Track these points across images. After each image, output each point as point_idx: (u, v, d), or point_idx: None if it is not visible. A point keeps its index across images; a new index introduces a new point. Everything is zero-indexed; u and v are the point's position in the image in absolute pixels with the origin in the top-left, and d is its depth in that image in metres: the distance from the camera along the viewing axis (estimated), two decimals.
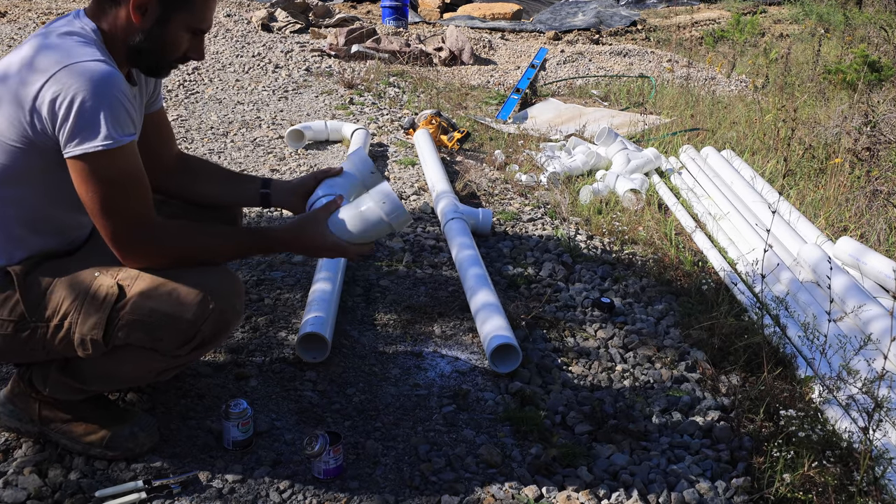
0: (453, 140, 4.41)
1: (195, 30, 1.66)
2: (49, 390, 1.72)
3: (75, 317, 1.57)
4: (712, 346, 2.49)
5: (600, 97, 6.46)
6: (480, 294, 2.48)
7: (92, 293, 1.57)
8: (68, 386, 1.71)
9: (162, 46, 1.63)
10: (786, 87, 6.18)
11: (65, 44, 1.53)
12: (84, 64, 1.49)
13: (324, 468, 1.73)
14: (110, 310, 1.56)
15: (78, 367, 1.67)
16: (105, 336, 1.57)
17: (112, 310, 1.56)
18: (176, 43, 1.65)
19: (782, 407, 2.09)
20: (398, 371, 2.24)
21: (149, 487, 1.65)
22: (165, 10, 1.59)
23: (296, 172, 3.91)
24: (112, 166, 1.50)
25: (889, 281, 2.67)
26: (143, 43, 1.61)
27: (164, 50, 1.65)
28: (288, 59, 6.55)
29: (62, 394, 1.73)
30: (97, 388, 1.74)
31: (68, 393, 1.73)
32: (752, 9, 11.81)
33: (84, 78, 1.47)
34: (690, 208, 3.86)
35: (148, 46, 1.62)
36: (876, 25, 8.69)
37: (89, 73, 1.48)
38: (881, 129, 4.41)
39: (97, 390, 1.76)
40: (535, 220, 3.52)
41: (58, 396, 1.73)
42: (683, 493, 1.79)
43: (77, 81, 1.46)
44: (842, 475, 1.81)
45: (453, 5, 11.74)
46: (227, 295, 1.63)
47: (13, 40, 6.50)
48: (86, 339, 1.57)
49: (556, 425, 2.05)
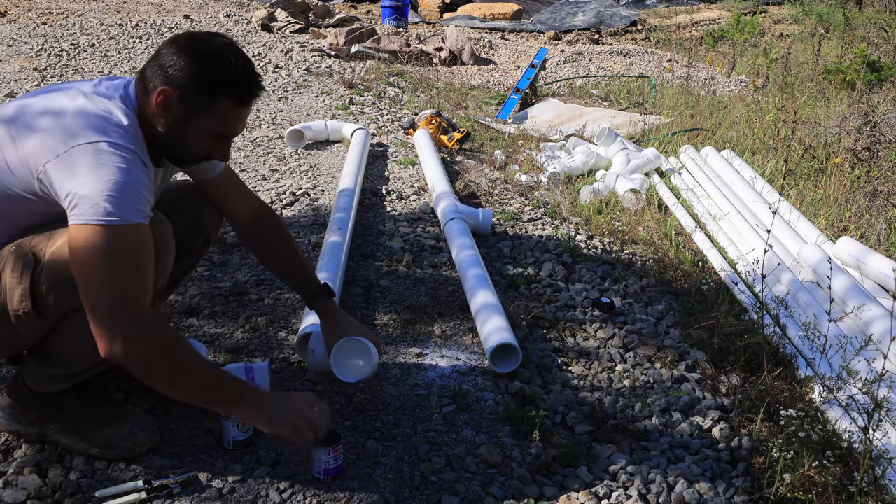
0: (453, 140, 4.41)
1: (218, 135, 1.66)
2: (35, 385, 1.71)
3: (4, 295, 1.56)
4: (712, 346, 2.49)
5: (600, 97, 6.46)
6: (480, 294, 2.48)
7: (11, 267, 1.55)
8: (49, 376, 1.69)
9: (182, 144, 1.64)
10: (786, 87, 6.18)
11: (94, 117, 1.53)
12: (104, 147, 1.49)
13: (324, 468, 1.73)
14: (31, 278, 1.53)
15: (48, 353, 1.66)
16: (35, 306, 1.55)
17: (32, 277, 1.53)
18: (197, 143, 1.65)
19: (782, 407, 2.09)
20: (398, 371, 2.23)
21: (149, 487, 1.65)
22: (187, 112, 1.60)
23: (296, 172, 3.91)
24: (112, 241, 1.45)
25: (889, 281, 2.67)
26: (165, 136, 1.62)
27: (183, 147, 1.65)
28: (288, 59, 6.55)
29: (47, 385, 1.71)
30: (76, 369, 1.70)
31: (53, 383, 1.71)
32: (752, 9, 11.81)
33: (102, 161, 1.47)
34: (690, 208, 3.86)
35: (169, 140, 1.63)
36: (876, 25, 8.69)
37: (109, 157, 1.48)
38: (881, 129, 4.41)
39: (78, 373, 1.72)
40: (535, 220, 3.52)
41: (45, 390, 1.72)
42: (683, 493, 1.79)
43: (94, 165, 1.46)
44: (842, 475, 1.81)
45: (453, 5, 11.74)
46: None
47: (13, 40, 6.50)
48: (19, 314, 1.55)
49: (556, 425, 2.05)
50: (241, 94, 1.63)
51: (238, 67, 1.62)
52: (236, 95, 1.62)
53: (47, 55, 6.16)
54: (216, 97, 1.60)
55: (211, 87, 1.59)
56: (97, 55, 6.33)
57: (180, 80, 1.58)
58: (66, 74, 5.65)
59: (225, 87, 1.60)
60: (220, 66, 1.60)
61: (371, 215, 3.41)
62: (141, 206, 1.50)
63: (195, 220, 1.95)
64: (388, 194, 3.68)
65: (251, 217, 2.02)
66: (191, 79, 1.58)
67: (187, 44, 1.61)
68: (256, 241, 2.05)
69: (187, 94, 1.58)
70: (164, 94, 1.58)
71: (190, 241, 1.92)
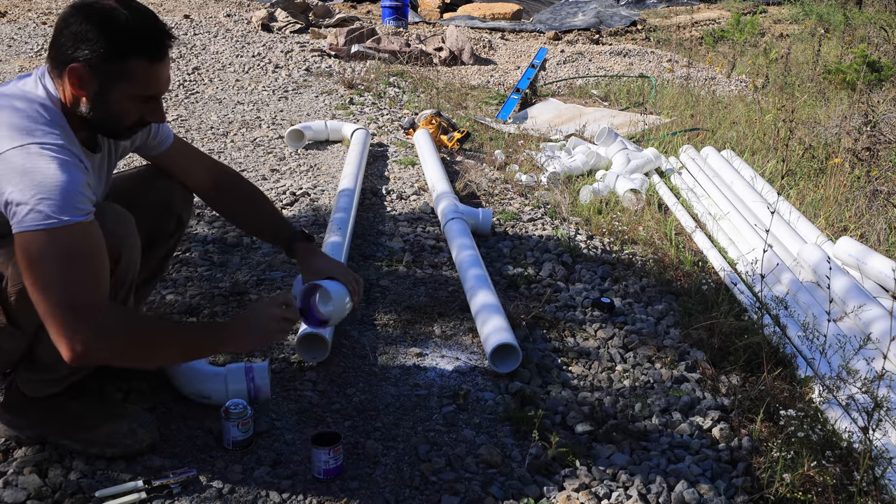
0: (453, 140, 4.41)
1: (143, 97, 1.58)
2: (29, 391, 1.71)
3: None
4: (712, 346, 2.49)
5: (600, 97, 6.46)
6: (480, 294, 2.49)
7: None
8: (40, 381, 1.69)
9: (110, 116, 1.58)
10: (786, 87, 6.18)
11: (16, 118, 1.48)
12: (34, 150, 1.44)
13: (324, 468, 1.73)
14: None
15: (36, 360, 1.65)
16: (10, 319, 1.54)
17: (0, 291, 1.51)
18: (125, 111, 1.58)
19: (782, 407, 2.09)
20: (398, 371, 2.24)
21: (149, 487, 1.65)
22: (102, 83, 1.53)
23: (296, 172, 3.91)
24: (55, 244, 1.41)
25: (889, 281, 2.67)
26: (91, 113, 1.56)
27: (113, 118, 1.59)
28: (288, 59, 6.55)
29: (41, 390, 1.71)
30: (65, 372, 1.69)
31: (45, 387, 1.71)
32: (752, 9, 11.81)
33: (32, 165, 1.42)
34: (690, 208, 3.86)
35: (97, 117, 1.57)
36: (876, 25, 8.69)
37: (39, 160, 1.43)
38: (881, 129, 4.41)
39: (68, 375, 1.71)
40: (535, 220, 3.52)
41: (39, 394, 1.72)
42: (683, 493, 1.79)
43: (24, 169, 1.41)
44: (842, 475, 1.82)
45: (453, 5, 11.74)
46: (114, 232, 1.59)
47: (13, 40, 6.49)
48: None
49: (555, 425, 2.05)
50: (152, 50, 1.54)
51: (139, 23, 1.53)
52: (146, 53, 1.54)
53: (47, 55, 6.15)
54: (126, 59, 1.52)
55: (116, 50, 1.51)
56: None
57: (85, 53, 1.50)
58: None
59: (131, 46, 1.52)
60: (119, 26, 1.51)
61: (371, 215, 3.41)
62: (80, 204, 1.44)
63: (163, 204, 1.92)
64: (388, 194, 3.68)
65: (211, 182, 1.99)
66: (94, 48, 1.50)
67: (80, 13, 1.53)
68: (223, 205, 2.03)
69: (96, 65, 1.51)
70: (74, 71, 1.51)
71: (162, 226, 1.91)
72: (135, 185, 1.90)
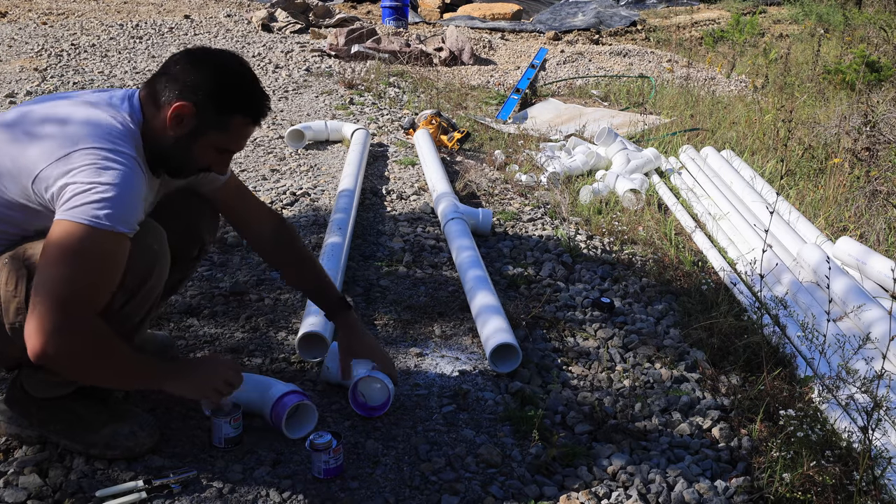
0: (453, 140, 4.42)
1: (224, 150, 1.68)
2: (33, 390, 1.71)
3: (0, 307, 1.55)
4: (712, 346, 2.50)
5: (600, 97, 6.46)
6: (480, 294, 2.49)
7: (6, 278, 1.54)
8: (49, 382, 1.69)
9: (188, 157, 1.66)
10: (785, 88, 6.18)
11: (99, 125, 1.54)
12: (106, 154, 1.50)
13: (324, 468, 1.73)
14: (25, 291, 1.51)
15: None
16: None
17: (27, 289, 1.51)
18: (202, 157, 1.67)
19: (782, 407, 2.09)
20: (398, 371, 2.24)
21: (149, 487, 1.65)
22: (200, 126, 1.61)
23: (296, 172, 3.91)
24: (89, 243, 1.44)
25: (889, 281, 2.67)
26: (171, 149, 1.63)
27: (188, 159, 1.67)
28: (288, 59, 6.55)
29: (46, 391, 1.71)
30: None
31: (52, 388, 1.71)
32: (752, 9, 11.81)
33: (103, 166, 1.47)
34: (690, 208, 3.87)
35: (175, 153, 1.64)
36: (876, 25, 8.70)
37: (111, 164, 1.48)
38: (880, 129, 4.41)
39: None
40: (535, 220, 3.52)
41: (44, 395, 1.72)
42: (683, 493, 1.80)
43: (94, 168, 1.47)
44: (841, 475, 1.82)
45: (453, 5, 11.75)
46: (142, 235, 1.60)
47: (14, 40, 6.50)
48: (15, 326, 1.54)
49: (555, 425, 2.05)
50: (255, 113, 1.67)
51: (253, 87, 1.66)
52: (250, 114, 1.66)
53: (48, 55, 6.16)
54: (231, 114, 1.63)
55: (227, 104, 1.62)
56: (97, 55, 6.33)
57: (197, 95, 1.59)
58: (66, 74, 5.65)
59: (241, 105, 1.64)
60: (237, 84, 1.63)
61: (371, 215, 3.41)
62: (130, 217, 1.49)
63: (190, 228, 1.92)
64: (388, 194, 3.68)
65: (270, 233, 2.02)
66: (208, 95, 1.59)
67: (204, 58, 1.63)
68: (275, 259, 2.07)
69: (203, 110, 1.60)
70: (181, 108, 1.58)
71: (186, 250, 1.91)
72: (166, 205, 1.88)
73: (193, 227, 1.94)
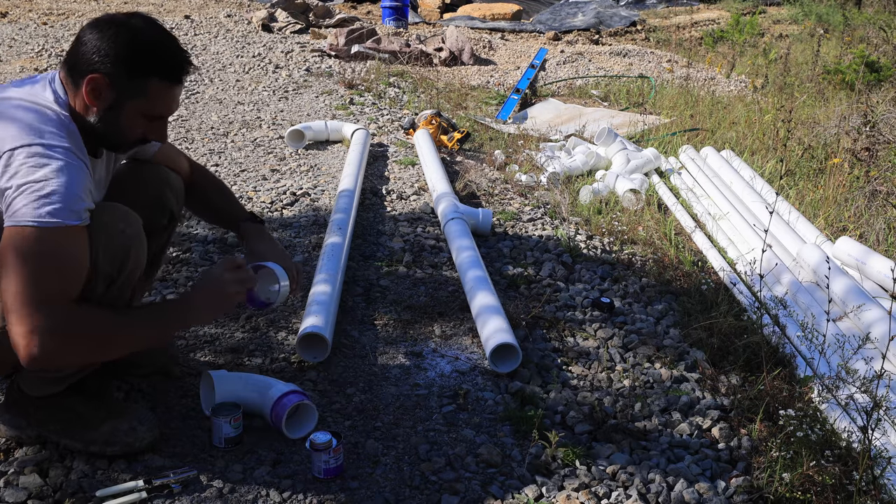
0: (453, 140, 4.42)
1: (151, 116, 1.63)
2: (30, 390, 1.71)
3: None
4: (712, 346, 2.50)
5: (600, 97, 6.46)
6: (480, 294, 2.49)
7: None
8: (41, 380, 1.69)
9: (118, 130, 1.62)
10: (785, 88, 6.18)
11: (27, 118, 1.50)
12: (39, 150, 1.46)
13: (324, 468, 1.73)
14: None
15: None
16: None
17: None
18: (133, 127, 1.63)
19: (781, 407, 2.09)
20: (398, 371, 2.24)
21: (149, 487, 1.65)
22: (119, 97, 1.57)
23: (296, 172, 3.91)
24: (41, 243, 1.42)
25: (888, 281, 2.68)
26: (100, 125, 1.59)
27: (119, 133, 1.63)
28: (288, 59, 6.55)
29: (42, 389, 1.71)
30: (68, 371, 1.69)
31: (47, 386, 1.71)
32: (752, 9, 11.82)
33: (37, 164, 1.44)
34: (690, 208, 3.87)
35: (104, 129, 1.60)
36: (875, 26, 8.70)
37: (44, 160, 1.45)
38: (880, 130, 4.41)
39: (71, 374, 1.71)
40: (535, 220, 3.52)
41: (41, 393, 1.72)
42: (683, 493, 1.80)
43: (28, 168, 1.43)
44: (841, 475, 1.82)
45: (453, 5, 11.75)
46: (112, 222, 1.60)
47: (14, 41, 6.50)
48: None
49: (555, 425, 2.05)
50: (172, 73, 1.60)
51: (164, 46, 1.59)
52: (167, 75, 1.60)
53: (48, 55, 6.16)
54: (146, 78, 1.57)
55: (140, 68, 1.56)
56: None
57: (107, 66, 1.54)
58: None
59: (154, 66, 1.57)
60: (146, 46, 1.57)
61: (371, 215, 3.42)
62: (76, 207, 1.46)
63: (155, 199, 1.92)
64: (388, 194, 3.69)
65: (188, 177, 2.04)
66: (118, 63, 1.54)
67: (109, 27, 1.57)
68: (196, 198, 2.07)
69: (117, 79, 1.55)
70: (94, 81, 1.54)
71: (155, 221, 1.91)
72: (126, 181, 1.89)
73: (158, 196, 1.93)
